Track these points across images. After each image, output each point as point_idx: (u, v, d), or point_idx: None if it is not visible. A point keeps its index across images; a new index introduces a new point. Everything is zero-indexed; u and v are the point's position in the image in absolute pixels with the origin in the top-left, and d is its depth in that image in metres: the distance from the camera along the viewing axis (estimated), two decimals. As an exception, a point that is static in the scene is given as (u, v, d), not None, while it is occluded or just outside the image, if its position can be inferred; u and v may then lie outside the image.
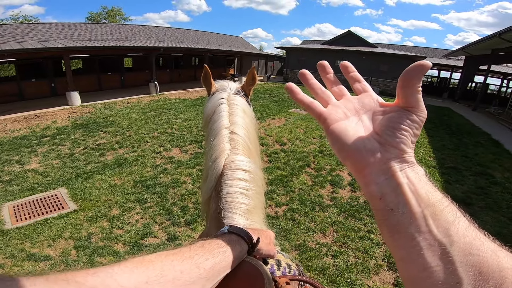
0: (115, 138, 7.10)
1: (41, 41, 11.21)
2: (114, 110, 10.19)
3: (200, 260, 0.45)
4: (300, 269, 0.73)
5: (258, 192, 0.81)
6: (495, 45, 12.26)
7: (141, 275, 0.37)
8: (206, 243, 0.50)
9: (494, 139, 8.73)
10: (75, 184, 4.72)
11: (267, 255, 0.63)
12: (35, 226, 3.65)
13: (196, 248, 0.48)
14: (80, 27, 14.79)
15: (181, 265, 0.43)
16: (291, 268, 0.69)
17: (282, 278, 0.61)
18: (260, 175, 0.86)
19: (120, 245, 3.37)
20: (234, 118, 0.87)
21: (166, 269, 0.41)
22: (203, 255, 0.47)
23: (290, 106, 12.24)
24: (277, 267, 0.66)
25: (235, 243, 0.53)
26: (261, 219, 0.81)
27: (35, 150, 6.18)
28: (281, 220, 3.89)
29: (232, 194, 0.73)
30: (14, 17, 29.26)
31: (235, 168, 0.76)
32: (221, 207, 0.72)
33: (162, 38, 18.58)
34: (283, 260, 0.69)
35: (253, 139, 0.90)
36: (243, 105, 0.93)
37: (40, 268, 2.97)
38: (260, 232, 0.63)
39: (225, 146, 0.81)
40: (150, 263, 0.40)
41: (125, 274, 0.36)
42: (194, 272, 0.43)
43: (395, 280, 2.90)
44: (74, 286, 0.31)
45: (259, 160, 0.95)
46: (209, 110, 0.93)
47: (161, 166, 5.54)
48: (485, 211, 4.29)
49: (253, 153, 0.87)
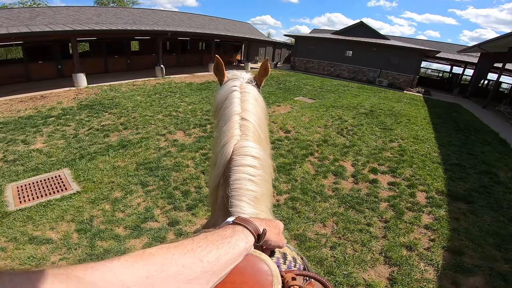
0: (120, 119, 7.12)
1: (49, 25, 11.10)
2: (119, 92, 10.19)
3: (203, 253, 0.44)
4: (305, 262, 0.72)
5: (266, 180, 0.79)
6: (512, 43, 11.90)
7: (141, 270, 0.37)
8: (210, 235, 0.48)
9: (502, 138, 8.57)
10: (79, 165, 4.73)
11: (276, 246, 0.62)
12: (38, 208, 3.62)
13: (199, 240, 0.46)
14: (88, 10, 14.61)
15: (183, 258, 0.41)
16: (296, 262, 0.67)
17: (288, 273, 0.59)
18: (269, 162, 0.85)
19: (122, 229, 3.35)
20: (245, 105, 0.87)
21: (167, 263, 0.39)
22: (206, 247, 0.45)
23: (296, 94, 12.13)
24: (283, 260, 0.64)
25: (240, 234, 0.52)
26: (268, 208, 0.80)
27: (40, 130, 6.21)
28: (282, 208, 3.90)
29: (240, 181, 0.72)
30: (22, 1, 28.94)
31: (244, 154, 0.76)
32: (228, 194, 0.71)
33: (170, 22, 18.31)
34: (289, 253, 0.67)
35: (263, 127, 0.90)
36: (255, 94, 0.93)
37: (41, 251, 2.94)
38: (268, 223, 0.61)
39: (235, 132, 0.80)
40: (150, 256, 0.39)
41: (125, 268, 0.36)
42: (197, 265, 0.42)
43: (390, 275, 2.91)
44: (74, 280, 0.31)
45: (268, 148, 0.95)
46: (221, 96, 0.93)
47: (164, 148, 5.56)
48: (485, 210, 4.25)
49: (263, 141, 0.87)
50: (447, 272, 2.99)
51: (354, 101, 11.83)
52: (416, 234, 3.57)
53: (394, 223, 3.71)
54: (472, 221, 3.92)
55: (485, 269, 3.05)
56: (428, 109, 11.97)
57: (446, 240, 3.47)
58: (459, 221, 3.91)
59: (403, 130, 8.09)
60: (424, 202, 4.35)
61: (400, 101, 13.30)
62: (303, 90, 13.27)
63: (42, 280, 0.29)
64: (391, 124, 8.55)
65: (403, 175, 5.13)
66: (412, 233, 3.57)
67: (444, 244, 3.39)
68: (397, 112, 10.51)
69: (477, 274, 2.98)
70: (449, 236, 3.54)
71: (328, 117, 8.72)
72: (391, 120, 9.06)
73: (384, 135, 7.38)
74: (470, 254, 3.28)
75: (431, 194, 4.57)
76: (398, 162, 5.66)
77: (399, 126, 8.50)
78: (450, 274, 2.97)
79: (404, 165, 5.54)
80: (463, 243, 3.46)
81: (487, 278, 2.94)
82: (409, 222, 3.77)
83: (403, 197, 4.41)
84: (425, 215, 4.00)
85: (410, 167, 5.49)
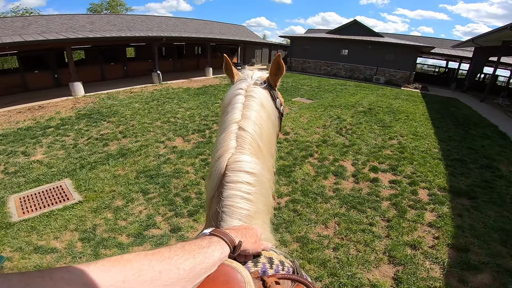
0: (119, 128, 7.10)
1: (42, 33, 11.11)
2: (117, 100, 10.18)
3: (180, 261, 0.45)
4: (296, 265, 0.70)
5: (263, 195, 0.76)
6: (506, 37, 11.94)
7: (118, 274, 0.38)
8: (187, 244, 0.50)
9: (501, 131, 8.57)
10: (80, 175, 4.74)
11: (254, 253, 0.62)
12: (41, 218, 3.67)
13: (176, 249, 0.48)
14: (81, 18, 14.64)
15: (160, 265, 0.43)
16: (284, 265, 0.66)
17: (270, 277, 0.59)
18: (268, 176, 0.80)
19: (124, 237, 3.38)
20: (247, 111, 0.80)
21: (144, 269, 0.41)
22: (183, 255, 0.46)
23: (294, 95, 12.13)
24: (269, 265, 0.63)
25: (216, 244, 0.53)
26: (264, 221, 0.78)
27: (39, 141, 6.20)
28: (283, 211, 3.88)
29: (232, 198, 0.69)
30: (15, 10, 28.98)
31: (238, 170, 0.71)
32: (219, 210, 0.69)
33: (164, 27, 18.35)
34: (275, 257, 0.67)
35: (266, 137, 0.83)
36: (262, 98, 0.84)
37: (47, 260, 2.98)
38: (244, 232, 0.61)
39: (231, 144, 0.75)
40: (128, 262, 0.40)
41: (102, 273, 0.36)
42: (174, 272, 0.43)
43: (395, 274, 2.89)
44: (49, 282, 0.32)
45: (271, 159, 0.89)
46: (226, 101, 0.87)
47: (164, 156, 5.55)
48: (489, 205, 4.22)
49: (263, 152, 0.81)
50: (453, 270, 2.96)
51: (352, 99, 11.84)
52: (419, 232, 3.55)
53: (397, 222, 3.70)
54: (476, 217, 3.90)
55: (492, 265, 3.02)
56: (426, 105, 11.98)
57: (450, 237, 3.45)
58: (463, 217, 3.88)
59: (402, 127, 8.10)
60: (427, 199, 4.33)
61: (398, 97, 13.32)
62: (300, 91, 13.29)
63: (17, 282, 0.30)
64: (390, 122, 8.55)
65: (404, 173, 5.12)
66: (416, 232, 3.55)
67: (449, 242, 3.37)
68: (396, 109, 10.52)
69: (484, 271, 2.95)
70: (454, 233, 3.52)
71: (327, 117, 8.72)
72: (390, 118, 9.07)
73: (383, 133, 7.38)
74: (476, 251, 3.25)
75: (433, 191, 4.55)
76: (398, 160, 5.66)
77: (398, 123, 8.50)
78: (456, 271, 2.94)
79: (405, 163, 5.53)
80: (468, 240, 3.43)
81: (495, 275, 2.90)
82: (412, 221, 3.76)
83: (405, 195, 4.39)
84: (428, 212, 3.99)
85: (410, 164, 5.48)
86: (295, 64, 23.00)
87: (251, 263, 0.61)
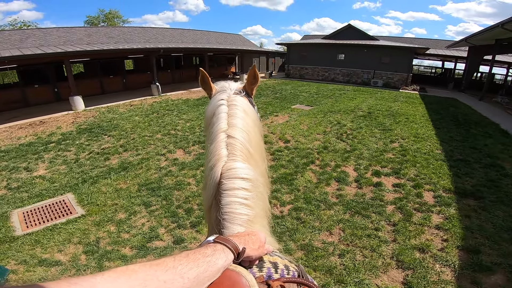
0: (119, 141, 7.11)
1: (40, 47, 11.23)
2: (117, 113, 10.22)
3: (184, 270, 0.46)
4: (301, 269, 0.70)
5: (260, 199, 0.78)
6: (498, 35, 12.03)
7: (124, 284, 0.38)
8: (191, 253, 0.51)
9: (503, 129, 8.55)
10: (82, 189, 4.75)
11: (258, 258, 0.63)
12: (45, 232, 3.70)
13: (181, 258, 0.48)
14: (78, 31, 14.80)
15: (165, 275, 0.43)
16: (289, 270, 0.67)
17: (275, 281, 0.59)
18: (262, 180, 0.83)
19: (128, 249, 3.38)
20: (232, 120, 0.82)
21: (149, 279, 0.41)
22: (187, 264, 0.47)
23: (293, 102, 12.17)
24: (274, 270, 0.64)
25: (220, 252, 0.54)
26: (263, 226, 0.79)
27: (41, 157, 6.22)
28: (287, 219, 3.84)
29: (231, 205, 0.71)
30: (12, 23, 29.28)
31: (233, 177, 0.73)
32: (219, 218, 0.70)
33: (161, 39, 18.55)
34: (280, 262, 0.67)
35: (255, 142, 0.86)
36: (244, 106, 0.88)
37: (51, 273, 3.00)
38: (248, 239, 0.62)
39: (222, 152, 0.77)
40: (133, 272, 0.41)
41: (108, 284, 0.37)
42: (178, 282, 0.44)
43: (404, 279, 2.84)
44: None
45: (263, 164, 0.91)
46: (209, 112, 0.90)
47: (165, 168, 5.53)
48: (496, 205, 4.16)
49: (254, 157, 0.83)
50: (465, 272, 2.90)
51: (351, 104, 11.87)
52: (427, 235, 3.50)
53: (403, 226, 3.65)
54: (484, 218, 3.84)
55: (505, 266, 2.96)
56: (425, 106, 12.00)
57: (459, 239, 3.40)
58: (470, 218, 3.83)
59: (402, 129, 8.09)
60: (432, 201, 4.29)
61: (396, 100, 13.35)
62: (299, 98, 13.33)
63: None
64: (390, 125, 8.54)
65: (408, 176, 5.08)
66: (423, 235, 3.50)
67: (459, 244, 3.32)
68: (395, 111, 10.53)
69: (497, 272, 2.90)
70: (463, 235, 3.46)
71: (327, 123, 8.72)
72: (390, 121, 9.07)
73: (384, 136, 7.36)
74: (488, 252, 3.19)
75: (438, 192, 4.51)
76: (401, 163, 5.62)
77: (399, 125, 8.50)
78: (468, 273, 2.88)
79: (408, 165, 5.50)
80: (478, 241, 3.38)
81: (509, 276, 2.85)
82: (418, 224, 3.71)
83: (409, 198, 4.35)
84: (435, 215, 3.94)
85: (413, 167, 5.45)
86: (293, 71, 23.15)
87: (256, 268, 0.61)
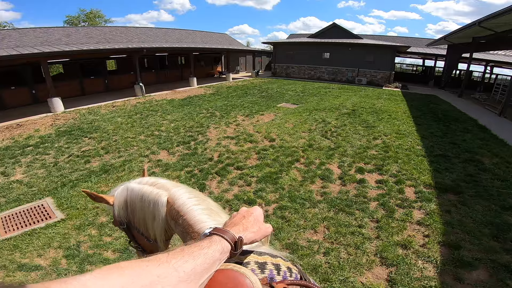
0: (101, 144, 6.90)
1: (15, 47, 10.77)
2: (98, 115, 9.93)
3: (179, 263, 0.45)
4: (302, 272, 0.71)
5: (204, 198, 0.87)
6: (475, 33, 12.46)
7: (115, 281, 0.37)
8: (186, 247, 0.50)
9: (481, 124, 8.86)
10: (61, 193, 4.60)
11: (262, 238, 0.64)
12: (24, 237, 3.61)
13: (175, 252, 0.48)
14: (56, 31, 14.28)
15: (157, 269, 0.42)
16: (292, 272, 0.67)
17: (279, 283, 0.59)
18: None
19: (110, 252, 3.31)
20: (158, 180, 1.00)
21: (141, 274, 0.40)
22: (182, 258, 0.46)
23: (279, 100, 12.20)
24: (276, 272, 0.64)
25: (217, 243, 0.53)
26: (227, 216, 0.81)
27: (19, 161, 5.96)
28: (271, 218, 3.83)
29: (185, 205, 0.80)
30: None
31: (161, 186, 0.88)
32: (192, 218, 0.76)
33: (145, 38, 18.16)
34: (282, 263, 0.67)
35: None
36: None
37: (32, 277, 2.93)
38: (245, 222, 0.62)
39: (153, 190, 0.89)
40: (124, 269, 0.40)
41: (99, 281, 0.36)
42: (173, 275, 0.43)
43: (388, 276, 2.87)
44: None
45: None
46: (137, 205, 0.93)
47: (148, 170, 5.38)
48: (475, 199, 4.26)
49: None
50: (447, 268, 2.95)
51: (336, 102, 12.00)
52: (409, 231, 3.56)
53: (386, 222, 3.70)
54: (464, 213, 3.93)
55: (486, 261, 3.00)
56: (407, 103, 12.29)
57: (441, 234, 3.47)
58: (451, 213, 3.92)
59: (385, 126, 8.24)
60: (413, 197, 4.37)
61: (380, 97, 13.61)
62: (285, 96, 13.37)
63: None
64: (374, 122, 8.69)
65: (390, 172, 5.17)
66: (406, 231, 3.56)
67: (440, 239, 3.38)
68: (378, 109, 10.73)
69: (479, 268, 2.93)
70: (444, 230, 3.54)
71: (312, 121, 8.78)
72: (373, 118, 9.22)
73: (368, 133, 7.48)
74: (468, 247, 3.25)
75: (419, 188, 4.61)
76: (383, 159, 5.72)
77: (381, 122, 8.66)
78: (451, 269, 2.92)
79: (390, 162, 5.60)
80: (459, 236, 3.44)
81: (491, 271, 2.88)
82: (400, 220, 3.77)
83: (392, 194, 4.43)
84: (416, 210, 4.02)
85: (395, 163, 5.55)
86: (279, 69, 23.22)
87: (258, 270, 0.61)
